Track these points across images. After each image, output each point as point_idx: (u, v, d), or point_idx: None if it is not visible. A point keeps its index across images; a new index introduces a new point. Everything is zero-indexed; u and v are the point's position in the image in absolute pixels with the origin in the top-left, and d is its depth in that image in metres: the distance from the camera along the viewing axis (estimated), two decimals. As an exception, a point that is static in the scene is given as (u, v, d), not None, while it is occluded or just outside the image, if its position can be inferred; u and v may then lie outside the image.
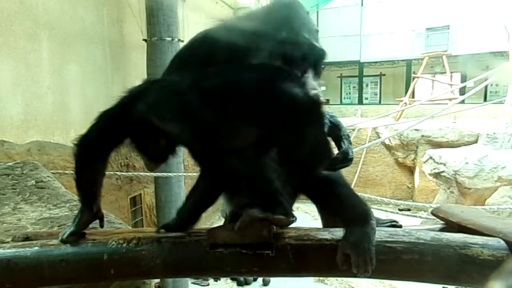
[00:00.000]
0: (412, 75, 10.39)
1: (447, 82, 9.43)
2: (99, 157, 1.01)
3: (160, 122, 0.88)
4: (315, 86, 0.88)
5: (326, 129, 1.07)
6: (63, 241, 1.04)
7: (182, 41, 4.84)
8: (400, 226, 1.13)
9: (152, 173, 4.33)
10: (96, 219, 1.10)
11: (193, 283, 5.67)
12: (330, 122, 1.10)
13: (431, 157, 7.01)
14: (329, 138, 1.11)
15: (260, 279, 5.91)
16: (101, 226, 1.13)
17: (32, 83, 3.83)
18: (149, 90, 0.94)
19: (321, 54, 0.96)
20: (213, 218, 7.78)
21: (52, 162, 3.75)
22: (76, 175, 1.03)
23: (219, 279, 5.94)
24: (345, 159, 1.08)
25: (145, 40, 4.76)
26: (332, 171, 1.11)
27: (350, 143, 1.12)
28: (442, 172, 6.63)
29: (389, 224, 1.14)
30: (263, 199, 0.98)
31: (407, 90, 9.99)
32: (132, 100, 0.93)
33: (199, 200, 1.09)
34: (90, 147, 0.98)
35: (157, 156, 1.00)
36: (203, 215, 1.11)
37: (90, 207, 1.06)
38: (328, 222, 1.19)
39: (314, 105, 0.87)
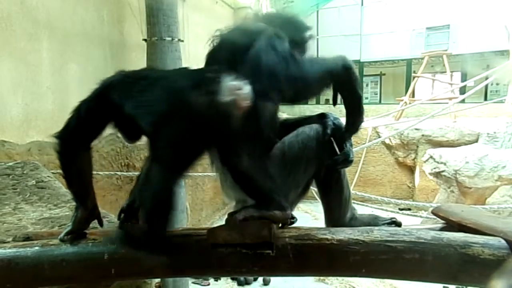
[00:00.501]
0: (413, 74, 10.36)
1: (447, 82, 9.41)
2: (82, 146, 1.03)
3: (126, 111, 0.96)
4: (236, 90, 0.89)
5: (329, 131, 1.10)
6: (61, 240, 1.05)
7: (182, 41, 4.84)
8: (400, 224, 1.14)
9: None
10: (94, 218, 1.11)
11: (193, 282, 5.67)
12: (333, 124, 1.12)
13: (431, 157, 7.00)
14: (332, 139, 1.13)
15: (260, 279, 5.91)
16: (100, 225, 1.13)
17: (32, 83, 3.82)
18: (120, 82, 1.01)
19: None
20: (213, 218, 7.78)
21: (52, 162, 3.75)
22: (63, 170, 1.04)
23: (220, 279, 5.94)
24: (346, 161, 1.12)
25: (145, 40, 4.75)
26: (333, 172, 1.13)
27: (351, 145, 1.16)
28: (443, 171, 6.62)
29: (389, 221, 1.15)
30: (257, 198, 1.01)
31: (407, 89, 9.97)
32: (106, 90, 1.00)
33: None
34: (71, 138, 1.00)
35: (132, 135, 1.07)
36: (204, 215, 1.12)
37: (84, 204, 1.07)
38: (330, 222, 1.20)
39: (212, 110, 0.88)
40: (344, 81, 1.06)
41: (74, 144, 1.01)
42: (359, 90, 1.09)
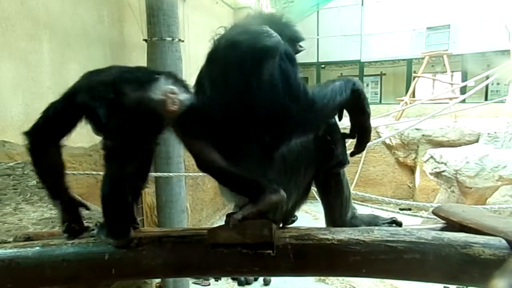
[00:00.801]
0: (413, 74, 10.37)
1: (447, 81, 9.41)
2: (52, 142, 1.08)
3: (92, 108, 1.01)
4: (168, 92, 0.92)
5: (321, 131, 1.08)
6: (65, 233, 1.10)
7: (183, 41, 4.84)
8: (400, 224, 1.14)
9: (152, 173, 4.33)
10: (77, 206, 1.15)
11: (194, 283, 5.67)
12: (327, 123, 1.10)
13: (432, 157, 6.99)
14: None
15: (261, 279, 5.91)
16: (87, 209, 1.18)
17: (33, 83, 3.83)
18: (86, 82, 1.07)
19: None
20: (214, 218, 7.78)
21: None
22: (34, 166, 1.08)
23: (220, 279, 5.94)
24: (339, 164, 1.11)
25: (145, 40, 4.76)
26: (332, 172, 1.13)
27: (344, 146, 1.13)
28: (443, 171, 6.61)
29: (390, 220, 1.15)
30: (247, 193, 1.02)
31: (408, 89, 9.97)
32: (73, 93, 1.05)
33: None
34: (39, 135, 1.06)
35: (100, 127, 1.10)
36: (204, 215, 1.13)
37: (58, 198, 1.11)
38: (330, 221, 1.20)
39: (141, 108, 0.93)
40: (353, 103, 1.06)
41: (42, 141, 1.06)
42: (367, 109, 1.08)
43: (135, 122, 0.94)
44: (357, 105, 1.07)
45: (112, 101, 0.95)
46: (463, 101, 7.80)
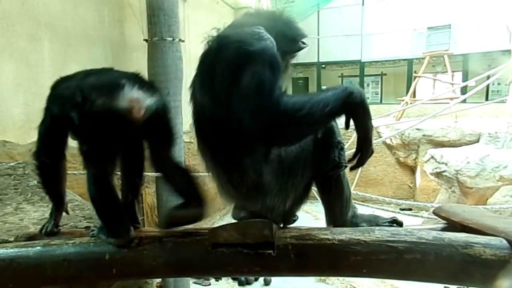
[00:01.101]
0: (414, 74, 10.36)
1: (448, 81, 9.39)
2: (60, 158, 1.15)
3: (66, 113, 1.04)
4: (133, 100, 0.97)
5: (319, 134, 1.07)
6: (48, 234, 1.15)
7: (183, 41, 4.84)
8: (401, 224, 1.14)
9: (153, 173, 4.33)
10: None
11: (194, 282, 5.67)
12: None
13: (432, 157, 6.98)
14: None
15: (261, 279, 5.91)
16: (66, 213, 1.29)
17: (34, 83, 3.84)
18: (55, 90, 1.12)
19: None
20: (214, 218, 7.77)
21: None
22: (43, 181, 1.16)
23: (220, 279, 5.94)
24: (335, 167, 1.08)
25: (146, 40, 4.76)
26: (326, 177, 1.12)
27: (342, 149, 1.10)
28: (444, 171, 6.60)
29: (390, 220, 1.14)
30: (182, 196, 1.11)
31: (408, 89, 9.96)
32: (48, 103, 1.12)
33: None
34: (48, 156, 1.12)
35: (76, 132, 1.13)
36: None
37: (63, 203, 1.21)
38: (331, 221, 1.20)
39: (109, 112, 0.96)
40: (349, 114, 0.97)
41: (52, 160, 1.12)
42: (365, 122, 0.98)
43: (104, 128, 0.98)
44: (355, 117, 0.97)
45: (81, 106, 0.97)
46: (464, 101, 7.79)
